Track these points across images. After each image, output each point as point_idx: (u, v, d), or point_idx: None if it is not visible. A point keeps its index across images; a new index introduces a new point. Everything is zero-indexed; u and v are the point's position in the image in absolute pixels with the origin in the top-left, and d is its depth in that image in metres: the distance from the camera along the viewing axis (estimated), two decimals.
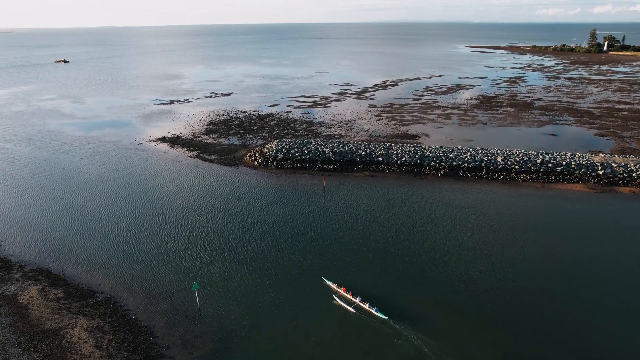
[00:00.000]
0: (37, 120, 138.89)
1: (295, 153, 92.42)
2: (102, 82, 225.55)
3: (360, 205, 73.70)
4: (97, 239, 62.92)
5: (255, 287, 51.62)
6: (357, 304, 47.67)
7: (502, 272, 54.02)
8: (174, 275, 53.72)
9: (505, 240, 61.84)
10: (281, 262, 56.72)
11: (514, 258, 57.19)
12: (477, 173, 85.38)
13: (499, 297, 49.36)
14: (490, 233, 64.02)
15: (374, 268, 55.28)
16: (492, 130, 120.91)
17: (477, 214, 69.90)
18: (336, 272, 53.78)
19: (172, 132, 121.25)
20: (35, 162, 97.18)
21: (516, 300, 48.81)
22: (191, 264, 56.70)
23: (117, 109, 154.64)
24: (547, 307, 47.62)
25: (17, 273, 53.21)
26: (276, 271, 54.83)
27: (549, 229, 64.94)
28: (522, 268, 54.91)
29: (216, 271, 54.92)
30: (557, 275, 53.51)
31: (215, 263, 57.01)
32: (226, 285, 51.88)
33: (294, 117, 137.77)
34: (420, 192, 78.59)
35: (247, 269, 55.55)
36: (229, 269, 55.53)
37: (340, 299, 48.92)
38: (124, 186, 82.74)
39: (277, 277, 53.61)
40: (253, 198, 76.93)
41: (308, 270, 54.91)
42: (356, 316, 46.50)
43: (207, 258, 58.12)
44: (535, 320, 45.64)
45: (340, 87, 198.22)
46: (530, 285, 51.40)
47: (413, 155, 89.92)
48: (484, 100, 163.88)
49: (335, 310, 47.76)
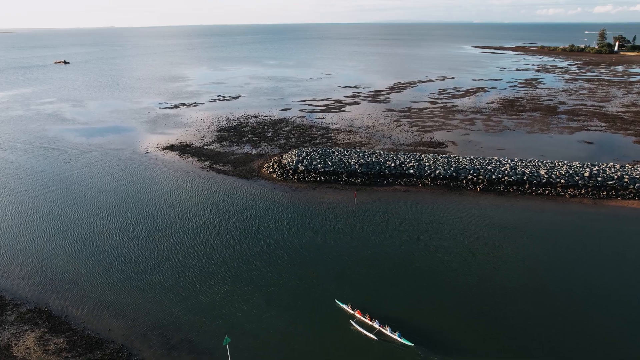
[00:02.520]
0: (35, 125, 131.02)
1: (317, 164, 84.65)
2: (104, 85, 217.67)
3: (396, 226, 65.96)
4: (102, 268, 55.08)
5: (288, 328, 43.89)
6: (378, 330, 42.87)
7: (557, 309, 46.29)
8: (194, 316, 45.95)
9: (560, 269, 54.06)
10: (314, 296, 49.00)
11: (572, 292, 49.43)
12: (520, 187, 77.64)
13: (555, 338, 41.63)
14: (542, 261, 56.10)
15: (419, 301, 47.50)
16: (521, 137, 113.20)
17: (525, 237, 62.14)
18: (380, 308, 46.05)
19: (181, 139, 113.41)
20: (32, 174, 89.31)
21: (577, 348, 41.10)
22: (212, 300, 48.95)
23: (120, 114, 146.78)
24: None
25: (11, 314, 45.41)
26: (308, 308, 47.10)
27: (611, 256, 57.19)
28: (580, 305, 47.14)
29: (241, 309, 47.18)
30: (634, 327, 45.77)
31: (239, 298, 49.27)
32: (256, 329, 44.10)
33: (308, 122, 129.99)
34: (459, 210, 70.85)
35: (277, 306, 47.84)
36: (255, 306, 47.78)
37: (358, 325, 44.06)
38: (130, 203, 74.93)
39: (310, 315, 45.88)
40: (275, 217, 69.18)
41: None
42: (379, 344, 41.52)
43: (230, 292, 50.36)
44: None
45: (352, 90, 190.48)
46: (595, 332, 43.68)
47: (447, 167, 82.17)
48: (506, 104, 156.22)
49: (355, 338, 42.84)
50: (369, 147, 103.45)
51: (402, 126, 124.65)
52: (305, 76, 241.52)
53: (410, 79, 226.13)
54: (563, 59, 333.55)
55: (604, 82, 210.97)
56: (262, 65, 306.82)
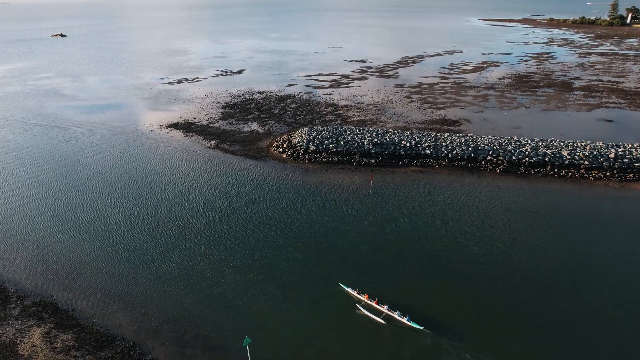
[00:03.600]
0: (33, 102, 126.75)
1: (329, 144, 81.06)
2: (103, 59, 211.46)
3: (413, 210, 62.97)
4: (108, 256, 52.40)
5: (306, 322, 41.44)
6: (386, 314, 42.01)
7: (579, 299, 43.62)
8: (206, 309, 43.45)
9: (585, 256, 51.27)
10: (333, 287, 46.38)
11: (598, 281, 46.74)
12: (541, 169, 74.27)
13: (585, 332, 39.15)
14: (567, 248, 53.24)
15: (442, 292, 44.89)
16: (538, 115, 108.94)
17: (548, 222, 59.17)
18: (405, 300, 43.43)
19: (185, 116, 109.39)
20: (31, 153, 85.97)
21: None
22: (224, 291, 46.44)
23: (121, 89, 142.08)
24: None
25: (15, 308, 42.95)
26: (327, 300, 44.58)
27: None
28: (605, 296, 44.49)
29: (256, 301, 44.69)
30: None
31: (253, 289, 46.80)
32: (274, 324, 41.65)
33: (316, 98, 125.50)
34: (479, 193, 67.72)
35: (293, 297, 45.38)
36: (271, 297, 45.30)
37: (365, 309, 43.11)
38: (133, 184, 71.85)
39: (330, 308, 43.40)
40: (287, 200, 66.17)
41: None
42: (388, 328, 40.77)
43: (243, 282, 47.79)
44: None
45: (358, 64, 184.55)
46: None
47: (465, 147, 78.58)
48: (518, 80, 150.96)
49: (363, 323, 41.76)
50: (380, 125, 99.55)
51: (413, 103, 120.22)
52: (309, 50, 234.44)
53: (418, 52, 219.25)
54: (574, 32, 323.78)
55: (619, 56, 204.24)
56: (264, 39, 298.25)
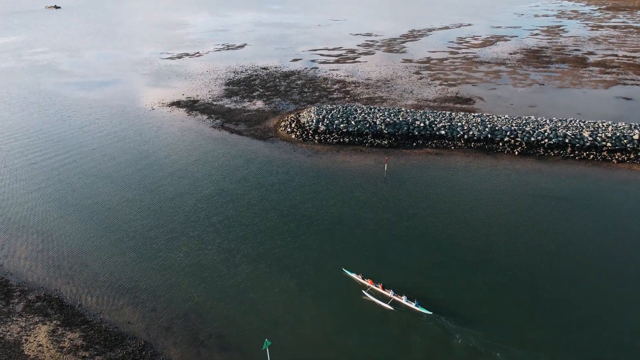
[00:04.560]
0: (30, 78, 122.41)
1: (340, 124, 77.74)
2: (100, 32, 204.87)
3: (430, 195, 60.31)
4: (113, 245, 49.99)
5: (325, 317, 39.37)
6: (393, 300, 41.04)
7: (601, 290, 41.52)
8: (219, 304, 41.28)
9: (610, 245, 48.92)
10: (349, 280, 44.19)
11: (625, 274, 44.56)
12: (561, 151, 71.28)
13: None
14: (590, 237, 50.82)
15: (468, 286, 42.70)
16: (553, 93, 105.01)
17: (571, 208, 56.49)
18: (425, 290, 41.29)
19: (187, 93, 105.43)
20: (28, 134, 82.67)
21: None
22: (236, 283, 44.23)
23: (120, 65, 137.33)
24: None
25: (19, 303, 40.80)
26: (343, 290, 42.45)
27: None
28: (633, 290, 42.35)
29: (270, 294, 42.54)
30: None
31: (266, 280, 44.62)
32: (291, 320, 39.56)
33: (322, 74, 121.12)
34: (497, 176, 64.91)
35: (309, 289, 43.25)
36: (285, 290, 43.13)
37: (371, 295, 42.01)
38: (136, 167, 68.94)
39: (348, 300, 41.28)
40: (297, 184, 63.45)
41: (401, 293, 42.29)
42: (397, 315, 40.00)
43: (255, 273, 45.52)
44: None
45: (364, 38, 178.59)
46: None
47: (482, 128, 75.34)
48: (530, 55, 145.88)
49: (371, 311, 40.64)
50: (391, 103, 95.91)
51: (424, 79, 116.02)
52: (312, 22, 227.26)
53: (425, 26, 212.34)
54: (584, 3, 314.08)
55: (632, 29, 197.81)
56: (266, 11, 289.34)
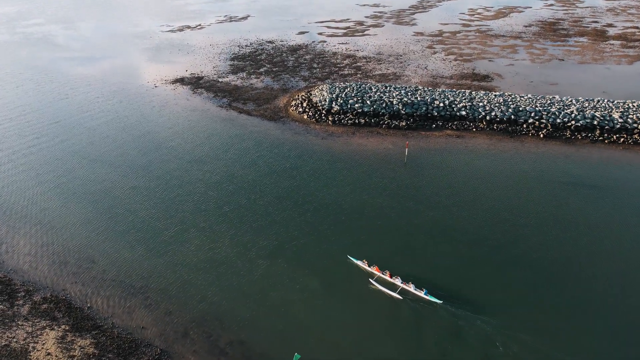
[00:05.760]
0: (24, 53, 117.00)
1: (354, 104, 73.63)
2: (95, 2, 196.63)
3: (453, 182, 56.89)
4: (119, 237, 47.05)
5: (353, 320, 36.71)
6: (401, 288, 39.56)
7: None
8: (237, 304, 38.62)
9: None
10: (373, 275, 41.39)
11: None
12: (589, 134, 67.53)
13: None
14: (628, 231, 47.96)
15: (500, 285, 39.91)
16: (574, 69, 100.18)
17: (607, 198, 53.11)
18: (454, 287, 38.60)
19: (191, 69, 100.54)
20: (24, 114, 78.55)
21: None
22: (253, 280, 41.55)
23: (118, 38, 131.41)
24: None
25: (24, 305, 38.05)
26: (369, 290, 39.68)
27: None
28: None
29: (292, 292, 39.87)
30: None
31: (285, 277, 41.92)
32: (317, 323, 36.92)
33: (331, 49, 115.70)
34: (522, 161, 61.27)
35: (333, 289, 40.51)
36: (307, 288, 40.36)
37: (378, 283, 40.42)
38: (140, 151, 65.37)
39: (377, 300, 38.60)
40: (312, 169, 59.99)
41: (435, 294, 39.44)
42: (406, 304, 38.54)
43: (273, 269, 42.75)
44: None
45: (372, 9, 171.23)
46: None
47: (504, 108, 71.32)
48: (546, 28, 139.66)
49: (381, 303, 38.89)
50: (405, 80, 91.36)
51: (437, 54, 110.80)
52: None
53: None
54: None
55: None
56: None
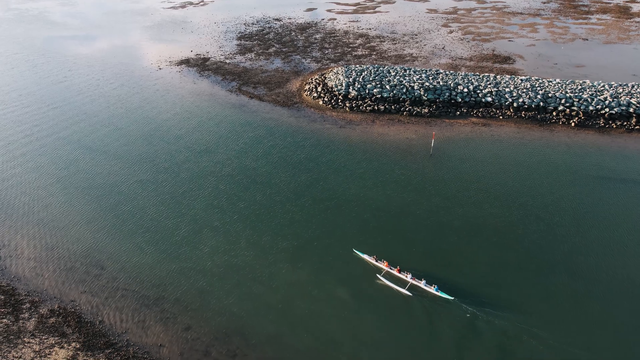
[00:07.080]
0: (19, 31, 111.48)
1: (372, 89, 69.27)
2: None
3: (481, 176, 53.17)
4: (127, 239, 43.69)
5: (388, 338, 33.56)
6: (411, 284, 38.29)
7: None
8: (260, 319, 35.51)
9: None
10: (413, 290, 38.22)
11: None
12: (624, 122, 63.44)
13: None
14: None
15: (536, 293, 36.74)
16: (600, 49, 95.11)
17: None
18: (489, 295, 35.48)
19: (196, 50, 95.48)
20: (19, 98, 74.28)
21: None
22: (274, 288, 38.40)
23: (118, 15, 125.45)
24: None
25: (30, 318, 34.95)
26: (403, 302, 36.51)
27: None
28: None
29: (319, 303, 36.72)
30: None
31: (311, 285, 38.85)
32: (351, 342, 33.82)
33: (342, 27, 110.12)
34: (554, 153, 57.38)
35: (364, 299, 37.30)
36: (336, 299, 37.18)
37: (386, 279, 38.95)
38: (144, 139, 61.44)
39: (417, 313, 35.52)
40: (331, 161, 56.18)
41: (462, 298, 36.22)
42: (417, 300, 37.07)
43: (297, 275, 39.56)
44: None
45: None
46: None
47: (533, 94, 66.97)
48: (566, 4, 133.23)
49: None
50: (422, 61, 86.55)
51: (454, 33, 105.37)
52: None
53: None
54: None
55: None
56: None
